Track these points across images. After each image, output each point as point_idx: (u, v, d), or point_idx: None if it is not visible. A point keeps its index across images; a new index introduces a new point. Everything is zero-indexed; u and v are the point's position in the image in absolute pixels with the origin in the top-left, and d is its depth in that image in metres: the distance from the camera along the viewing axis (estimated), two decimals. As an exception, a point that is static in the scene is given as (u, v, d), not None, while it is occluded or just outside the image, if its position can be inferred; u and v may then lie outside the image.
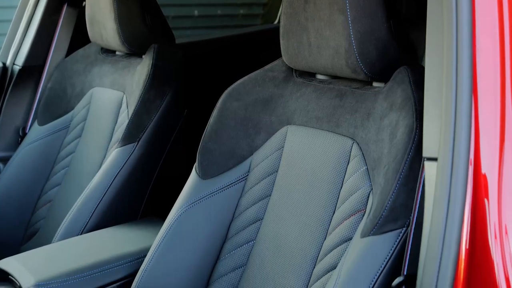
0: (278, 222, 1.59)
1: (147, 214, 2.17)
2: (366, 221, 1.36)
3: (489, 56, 1.14)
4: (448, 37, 1.15)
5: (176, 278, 1.64)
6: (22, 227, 2.42)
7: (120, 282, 1.73)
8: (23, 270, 1.69)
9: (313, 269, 1.48)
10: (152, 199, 2.18)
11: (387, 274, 1.29)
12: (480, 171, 1.12)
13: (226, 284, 1.63)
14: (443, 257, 1.08)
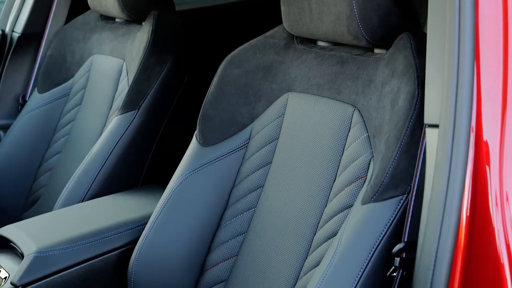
0: (279, 189, 1.59)
1: (148, 181, 2.17)
2: (367, 188, 1.36)
3: (491, 22, 1.13)
4: (450, 3, 1.14)
5: (177, 245, 1.64)
6: (23, 194, 2.43)
7: (121, 249, 1.74)
8: (24, 237, 1.70)
9: (313, 236, 1.48)
10: (153, 166, 2.18)
11: (388, 241, 1.29)
12: (481, 138, 1.12)
13: (227, 251, 1.63)
14: (444, 224, 1.08)
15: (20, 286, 1.58)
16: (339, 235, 1.36)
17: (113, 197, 2.01)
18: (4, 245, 1.76)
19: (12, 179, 2.43)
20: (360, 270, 1.29)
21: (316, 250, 1.45)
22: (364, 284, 1.29)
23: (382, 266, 1.29)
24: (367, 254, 1.29)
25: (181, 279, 1.65)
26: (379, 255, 1.29)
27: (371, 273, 1.29)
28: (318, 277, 1.32)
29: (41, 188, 2.39)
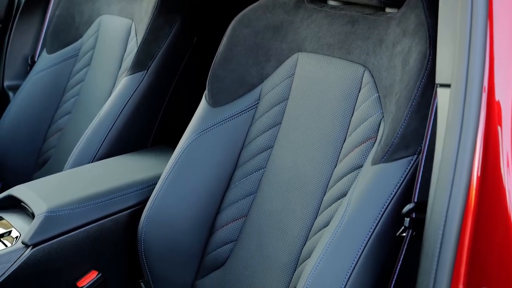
0: (288, 150, 1.59)
1: (158, 142, 2.17)
2: (377, 148, 1.35)
3: (505, -20, 1.11)
4: (464, -40, 1.12)
5: (186, 205, 1.65)
6: (33, 155, 2.44)
7: (131, 210, 1.75)
8: (35, 197, 1.71)
9: (323, 197, 1.48)
10: (162, 127, 2.18)
11: (398, 201, 1.29)
12: (493, 98, 1.11)
13: (236, 211, 1.64)
14: (454, 184, 1.08)
15: (31, 245, 1.60)
16: (349, 195, 1.36)
17: (123, 157, 2.02)
18: (15, 205, 1.78)
19: (22, 140, 2.43)
20: (369, 230, 1.29)
21: (325, 211, 1.45)
22: (373, 244, 1.29)
23: (391, 227, 1.29)
24: (376, 214, 1.29)
25: (191, 239, 1.65)
26: (389, 215, 1.29)
27: (381, 233, 1.29)
28: (328, 237, 1.32)
29: (51, 149, 2.40)
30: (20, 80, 2.58)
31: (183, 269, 1.66)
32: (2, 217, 1.75)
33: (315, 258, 1.32)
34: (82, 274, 1.69)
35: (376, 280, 1.31)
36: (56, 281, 1.66)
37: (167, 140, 2.13)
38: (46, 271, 1.62)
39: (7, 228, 1.70)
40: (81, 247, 1.66)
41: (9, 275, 1.56)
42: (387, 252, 1.31)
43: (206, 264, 1.65)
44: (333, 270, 1.29)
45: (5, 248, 1.61)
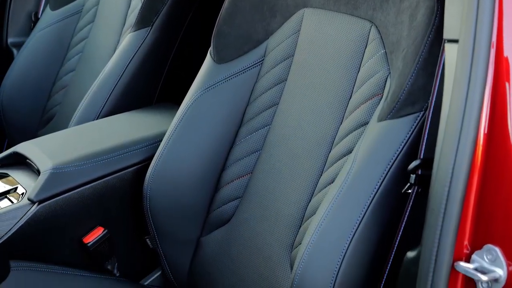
0: (294, 106, 1.58)
1: (162, 99, 2.16)
2: (383, 105, 1.34)
3: None
4: None
5: (191, 162, 1.65)
6: (38, 112, 2.43)
7: (136, 167, 1.75)
8: (40, 154, 1.71)
9: (328, 154, 1.48)
10: (167, 84, 2.17)
11: (404, 157, 1.29)
12: (502, 54, 1.09)
13: (241, 168, 1.64)
14: (461, 141, 1.07)
15: (37, 202, 1.60)
16: (355, 152, 1.35)
17: (128, 114, 2.01)
18: (20, 162, 1.78)
19: (26, 97, 2.43)
20: (375, 187, 1.29)
21: (331, 167, 1.45)
22: (379, 201, 1.29)
23: (397, 183, 1.29)
24: (382, 171, 1.29)
25: (196, 196, 1.66)
26: (395, 172, 1.29)
27: (386, 190, 1.29)
28: (333, 194, 1.33)
29: (56, 106, 2.39)
30: (24, 37, 2.57)
31: (188, 225, 1.67)
32: (8, 174, 1.76)
33: (320, 215, 1.32)
34: (88, 231, 1.70)
35: (381, 236, 1.31)
36: (62, 238, 1.67)
37: (172, 97, 2.13)
38: (52, 227, 1.63)
39: (12, 185, 1.70)
40: (86, 204, 1.67)
41: (15, 232, 1.57)
42: (392, 209, 1.31)
43: (211, 220, 1.66)
44: (338, 227, 1.30)
45: (11, 204, 1.62)
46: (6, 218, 1.58)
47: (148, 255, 1.81)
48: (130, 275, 1.80)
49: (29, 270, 1.57)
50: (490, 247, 1.05)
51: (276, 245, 1.50)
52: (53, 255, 1.66)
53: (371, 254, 1.31)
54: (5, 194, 1.67)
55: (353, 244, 1.29)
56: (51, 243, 1.65)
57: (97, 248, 1.70)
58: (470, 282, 1.06)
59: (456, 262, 1.05)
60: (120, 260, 1.77)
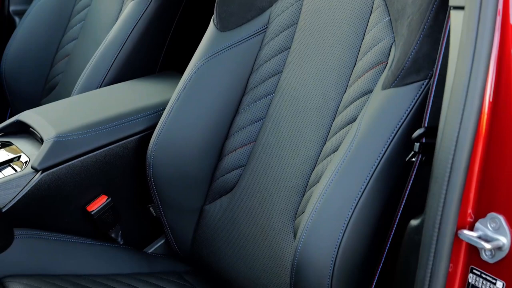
0: (298, 75, 1.57)
1: (165, 68, 2.15)
2: (388, 73, 1.33)
3: None
4: None
5: (195, 130, 1.65)
6: (41, 81, 2.43)
7: (139, 135, 1.75)
8: (43, 123, 1.71)
9: (332, 122, 1.47)
10: (170, 53, 2.16)
11: (408, 126, 1.28)
12: (508, 21, 1.08)
13: (245, 137, 1.63)
14: (466, 109, 1.06)
15: (40, 170, 1.60)
16: (358, 120, 1.35)
17: (131, 83, 2.01)
18: (23, 131, 1.78)
19: (29, 66, 2.42)
20: (379, 155, 1.29)
21: (334, 136, 1.44)
22: (382, 169, 1.29)
23: (401, 152, 1.29)
24: (386, 139, 1.29)
25: (199, 164, 1.66)
26: (399, 140, 1.29)
27: (390, 158, 1.29)
28: (337, 162, 1.32)
29: (59, 75, 2.38)
30: (26, 4, 2.55)
31: (192, 194, 1.67)
32: (11, 142, 1.76)
33: (323, 183, 1.32)
34: (92, 199, 1.70)
35: (384, 204, 1.31)
36: (66, 206, 1.67)
37: (174, 65, 2.12)
38: (55, 195, 1.63)
39: (16, 153, 1.70)
40: (90, 172, 1.67)
41: (19, 200, 1.57)
42: (396, 178, 1.31)
43: (215, 189, 1.66)
44: (341, 195, 1.30)
45: (14, 173, 1.62)
46: (10, 186, 1.58)
47: (151, 223, 1.81)
48: (133, 243, 1.80)
49: (33, 238, 1.58)
50: (494, 216, 1.05)
51: (279, 214, 1.50)
52: (57, 223, 1.67)
53: (374, 222, 1.31)
54: (9, 162, 1.68)
55: (356, 213, 1.29)
56: (55, 211, 1.66)
57: (100, 216, 1.70)
58: (473, 250, 1.06)
59: (459, 230, 1.05)
60: (124, 228, 1.77)
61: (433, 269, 1.05)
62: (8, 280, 1.52)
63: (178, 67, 1.94)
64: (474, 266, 1.07)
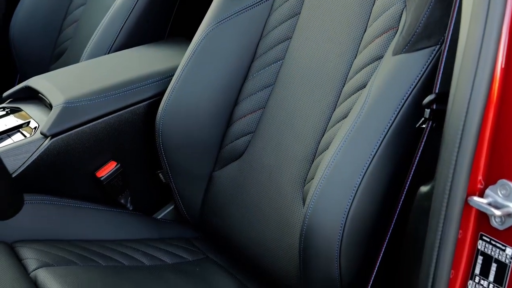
0: (307, 40, 1.56)
1: (174, 33, 2.14)
2: (399, 38, 1.32)
3: None
4: None
5: (204, 96, 1.64)
6: (49, 47, 2.42)
7: (148, 101, 1.74)
8: (52, 88, 1.70)
9: (342, 88, 1.47)
10: (178, 18, 2.14)
11: (419, 92, 1.28)
12: (521, -15, 1.07)
13: (253, 103, 1.63)
14: (478, 75, 1.05)
15: (50, 136, 1.61)
16: (369, 86, 1.34)
17: (139, 49, 2.00)
18: (32, 96, 1.78)
19: (37, 32, 2.41)
20: (389, 121, 1.28)
21: (344, 102, 1.44)
22: (392, 136, 1.28)
23: (411, 118, 1.28)
24: (396, 105, 1.28)
25: (208, 130, 1.65)
26: (409, 106, 1.28)
27: (400, 124, 1.28)
28: (346, 129, 1.32)
29: (67, 41, 2.37)
30: (33, -30, 2.54)
31: (201, 160, 1.67)
32: (20, 108, 1.76)
33: (333, 150, 1.32)
34: (101, 165, 1.71)
35: (394, 171, 1.31)
36: (75, 172, 1.68)
37: (183, 31, 2.10)
38: (65, 161, 1.63)
39: (25, 119, 1.70)
40: (99, 138, 1.67)
41: (29, 165, 1.58)
42: (406, 144, 1.30)
43: (224, 155, 1.66)
44: (351, 161, 1.29)
45: (24, 138, 1.62)
46: (20, 152, 1.58)
47: (161, 189, 1.82)
48: (143, 209, 1.81)
49: (43, 203, 1.59)
50: (504, 182, 1.04)
51: (288, 180, 1.50)
52: (66, 189, 1.68)
53: (383, 188, 1.31)
54: (18, 128, 1.68)
55: (365, 179, 1.28)
56: (64, 177, 1.66)
57: (110, 182, 1.71)
58: (483, 217, 1.06)
59: (469, 197, 1.05)
60: (133, 194, 1.78)
61: (442, 235, 1.05)
62: (18, 245, 1.53)
63: (187, 33, 1.93)
64: (484, 232, 1.06)
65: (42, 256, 1.50)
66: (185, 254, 1.70)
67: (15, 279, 1.39)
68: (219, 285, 1.60)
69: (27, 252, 1.50)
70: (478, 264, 1.07)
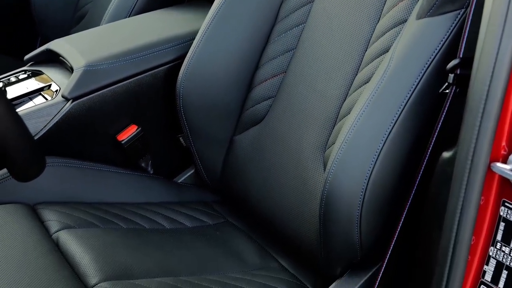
0: (330, 3, 1.54)
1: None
2: (423, 2, 1.30)
3: None
4: None
5: (224, 60, 1.63)
6: (70, 10, 2.41)
7: (169, 65, 1.74)
8: (73, 52, 1.70)
9: (365, 52, 1.45)
10: (199, -19, 2.13)
11: (442, 56, 1.26)
12: None
13: (275, 67, 1.62)
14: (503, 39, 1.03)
15: (71, 99, 1.61)
16: (392, 50, 1.32)
17: (160, 12, 1.98)
18: (53, 59, 1.78)
19: (58, -5, 2.41)
20: (412, 86, 1.27)
21: (367, 67, 1.42)
22: (415, 101, 1.27)
23: (434, 83, 1.27)
24: (420, 70, 1.27)
25: (229, 94, 1.65)
26: (433, 71, 1.26)
27: (423, 89, 1.27)
28: (368, 93, 1.31)
29: (88, 4, 2.37)
30: None
31: (222, 124, 1.67)
32: (42, 71, 1.76)
33: (354, 114, 1.31)
34: (122, 128, 1.71)
35: (416, 136, 1.30)
36: (97, 135, 1.68)
37: (204, -5, 2.09)
38: (86, 124, 1.64)
39: (46, 82, 1.71)
40: (120, 102, 1.67)
41: (50, 128, 1.59)
42: (428, 109, 1.29)
43: (244, 120, 1.66)
44: (373, 126, 1.28)
45: (45, 101, 1.63)
46: (41, 115, 1.59)
47: (181, 153, 1.82)
48: (163, 173, 1.82)
49: (64, 166, 1.60)
50: (529, 148, 1.03)
51: (309, 145, 1.50)
52: (87, 152, 1.68)
53: (405, 153, 1.30)
54: (39, 91, 1.68)
55: (388, 144, 1.28)
56: (85, 140, 1.67)
57: (131, 145, 1.71)
58: (506, 183, 1.05)
59: (492, 163, 1.04)
60: (154, 158, 1.78)
61: (464, 201, 1.05)
62: (40, 207, 1.54)
63: (208, -3, 1.91)
64: (506, 199, 1.06)
65: (64, 218, 1.51)
66: (205, 217, 1.70)
67: (38, 241, 1.41)
68: (239, 248, 1.61)
69: (49, 214, 1.52)
70: (500, 230, 1.06)
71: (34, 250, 1.37)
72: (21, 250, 1.37)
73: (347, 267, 1.42)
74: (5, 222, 1.45)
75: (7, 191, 1.52)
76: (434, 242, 1.12)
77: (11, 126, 1.07)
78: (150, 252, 1.49)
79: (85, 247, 1.42)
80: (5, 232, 1.42)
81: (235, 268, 1.53)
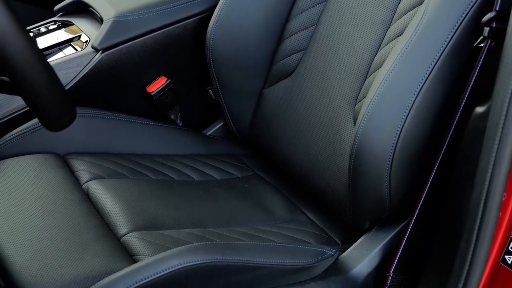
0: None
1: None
2: (460, -47, 1.27)
3: None
4: None
5: (255, 13, 1.61)
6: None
7: (198, 17, 1.72)
8: (103, 2, 1.70)
9: (398, 4, 1.42)
10: None
11: (478, 9, 1.23)
12: None
13: (305, 19, 1.59)
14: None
15: (101, 50, 1.61)
16: (426, 2, 1.30)
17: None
18: (83, 10, 1.77)
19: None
20: (446, 39, 1.25)
21: (400, 19, 1.40)
22: (449, 54, 1.25)
23: (469, 36, 1.24)
24: (454, 22, 1.24)
25: (259, 47, 1.64)
26: (467, 24, 1.24)
27: (458, 42, 1.25)
28: (401, 47, 1.29)
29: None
30: None
31: (251, 77, 1.66)
32: (71, 21, 1.76)
33: (387, 67, 1.29)
34: (152, 80, 1.71)
35: (449, 91, 1.28)
36: (126, 86, 1.69)
37: None
38: (116, 76, 1.64)
39: (76, 33, 1.71)
40: (149, 53, 1.67)
41: (80, 79, 1.59)
42: (462, 63, 1.27)
43: (274, 73, 1.64)
44: (405, 80, 1.27)
45: (75, 52, 1.63)
46: (71, 66, 1.59)
47: (210, 106, 1.82)
48: (192, 125, 1.82)
49: (94, 117, 1.61)
50: None
51: (339, 98, 1.48)
52: (117, 103, 1.69)
53: (437, 108, 1.29)
54: (69, 42, 1.68)
55: (419, 98, 1.26)
56: (115, 91, 1.67)
57: (160, 97, 1.71)
58: (540, 139, 1.03)
59: (526, 118, 1.02)
60: (183, 110, 1.78)
61: (497, 156, 1.03)
62: (70, 158, 1.55)
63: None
64: (540, 154, 1.04)
65: (94, 168, 1.52)
66: (234, 170, 1.71)
67: (68, 190, 1.42)
68: (267, 201, 1.62)
69: (79, 164, 1.53)
70: (532, 186, 1.05)
71: (65, 200, 1.39)
72: (52, 199, 1.39)
73: (376, 222, 1.42)
74: (36, 172, 1.46)
75: (38, 141, 1.53)
76: (465, 198, 1.11)
77: (43, 76, 1.07)
78: (179, 204, 1.50)
79: (115, 197, 1.43)
80: (36, 182, 1.43)
81: (263, 220, 1.53)
